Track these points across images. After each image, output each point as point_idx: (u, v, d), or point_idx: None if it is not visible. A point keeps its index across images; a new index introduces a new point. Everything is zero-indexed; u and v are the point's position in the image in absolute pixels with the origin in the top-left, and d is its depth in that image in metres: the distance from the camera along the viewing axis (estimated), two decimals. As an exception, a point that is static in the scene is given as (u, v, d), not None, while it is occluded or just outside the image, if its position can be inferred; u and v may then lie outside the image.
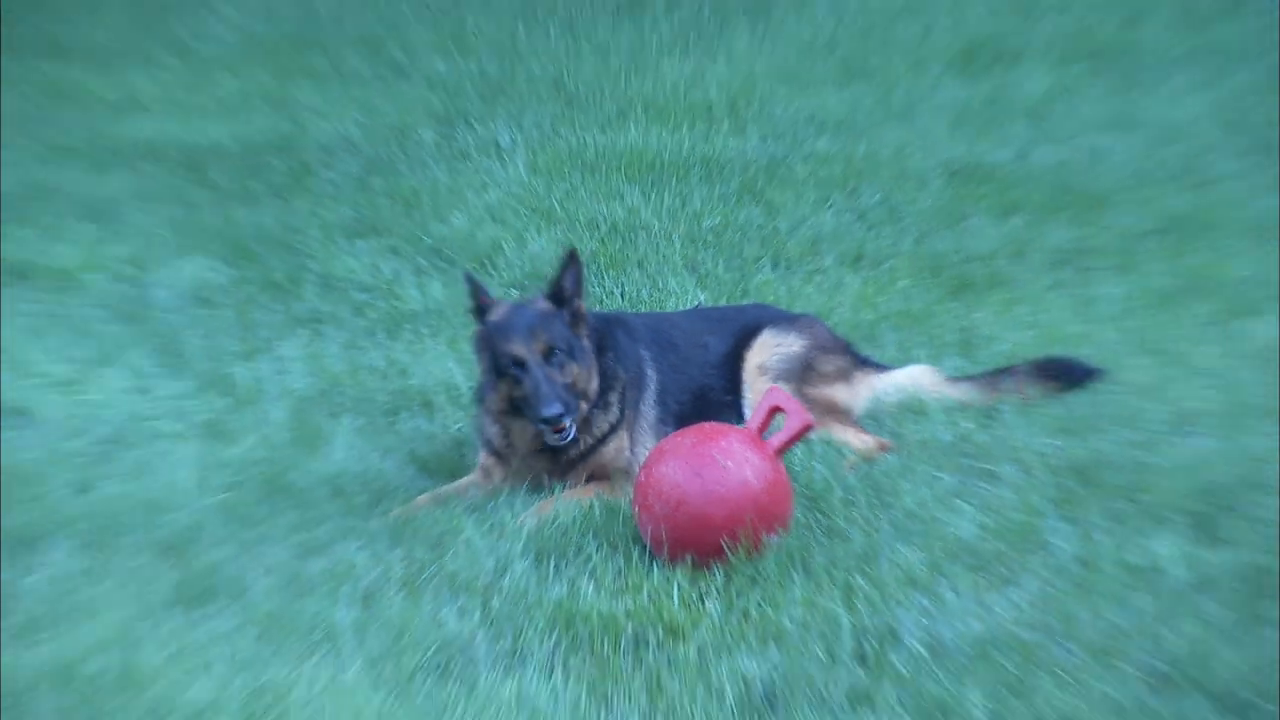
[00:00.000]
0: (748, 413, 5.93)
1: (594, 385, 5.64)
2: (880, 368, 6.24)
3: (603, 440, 5.70)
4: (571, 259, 5.60)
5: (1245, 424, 5.76)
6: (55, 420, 6.30)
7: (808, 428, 5.23)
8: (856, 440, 5.83)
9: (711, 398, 5.96)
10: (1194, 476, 5.40)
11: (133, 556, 5.32)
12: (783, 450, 5.22)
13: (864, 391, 6.10)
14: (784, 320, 6.16)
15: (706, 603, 4.95)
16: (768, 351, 6.02)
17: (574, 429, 5.56)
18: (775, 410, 5.27)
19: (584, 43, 10.40)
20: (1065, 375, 6.05)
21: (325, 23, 11.13)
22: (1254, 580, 4.93)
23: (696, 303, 7.22)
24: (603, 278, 7.69)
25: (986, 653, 4.69)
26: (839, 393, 6.00)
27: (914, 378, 6.14)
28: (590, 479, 5.68)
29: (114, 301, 7.35)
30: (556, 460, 5.67)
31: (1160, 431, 5.73)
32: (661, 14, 10.80)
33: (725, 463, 5.08)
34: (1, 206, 8.34)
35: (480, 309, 5.62)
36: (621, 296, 7.55)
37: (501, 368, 5.54)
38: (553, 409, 5.43)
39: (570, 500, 5.54)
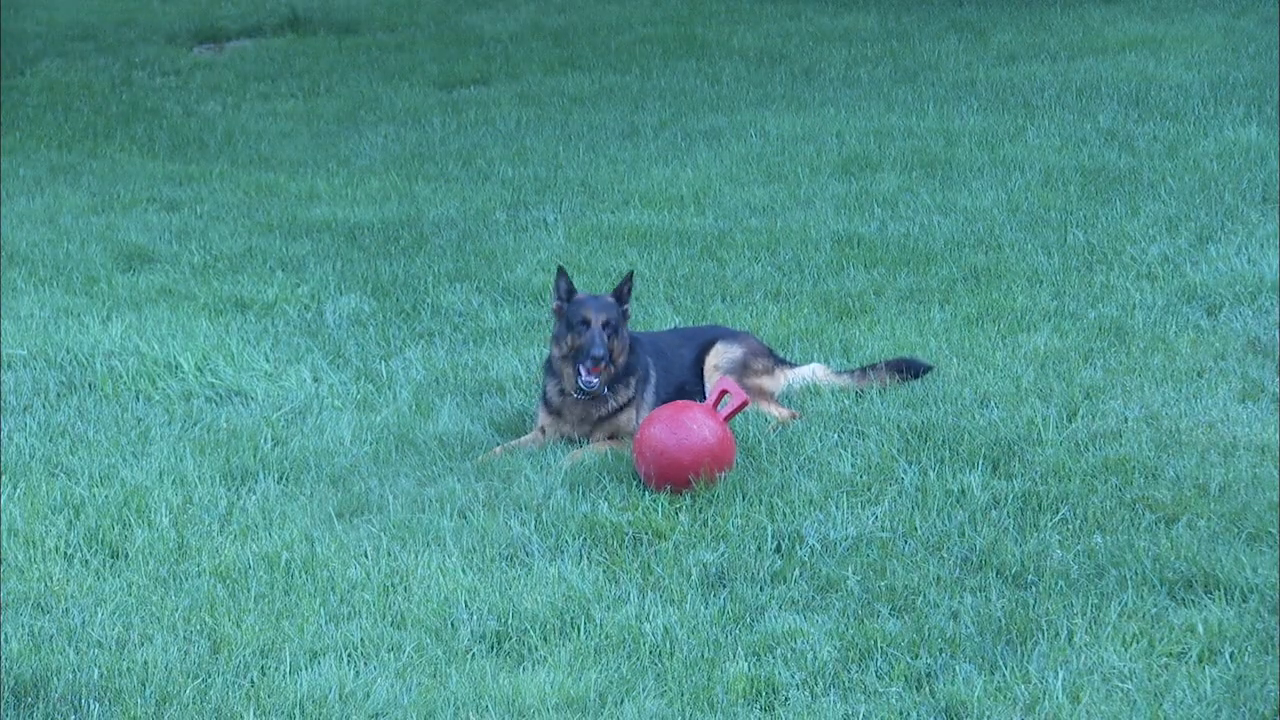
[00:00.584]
0: (708, 397, 5.92)
1: (623, 359, 5.64)
2: (791, 365, 6.23)
3: (620, 409, 5.67)
4: (629, 277, 5.64)
5: (1022, 401, 5.77)
6: (263, 398, 6.31)
7: (745, 404, 5.25)
8: (776, 412, 5.83)
9: (687, 387, 5.97)
10: (990, 434, 5.41)
11: (312, 485, 5.34)
12: (729, 418, 5.23)
13: (781, 380, 6.08)
14: (730, 335, 6.15)
15: (680, 515, 4.96)
16: (720, 356, 6.02)
17: (598, 382, 5.53)
18: (724, 393, 5.28)
19: (601, 156, 10.39)
20: (910, 370, 6.05)
21: (436, 144, 11.12)
22: (1029, 499, 4.96)
23: (674, 325, 7.18)
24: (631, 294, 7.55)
25: (858, 547, 4.72)
26: (765, 381, 6.00)
27: (813, 371, 6.14)
28: (609, 439, 5.67)
29: (300, 322, 7.36)
30: (588, 419, 5.64)
31: (969, 406, 5.75)
32: (651, 138, 10.79)
33: (692, 426, 5.10)
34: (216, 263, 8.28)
35: (569, 292, 5.64)
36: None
37: (574, 324, 5.55)
38: (598, 350, 5.45)
39: (593, 451, 5.54)
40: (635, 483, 5.21)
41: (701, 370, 6.01)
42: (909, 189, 8.99)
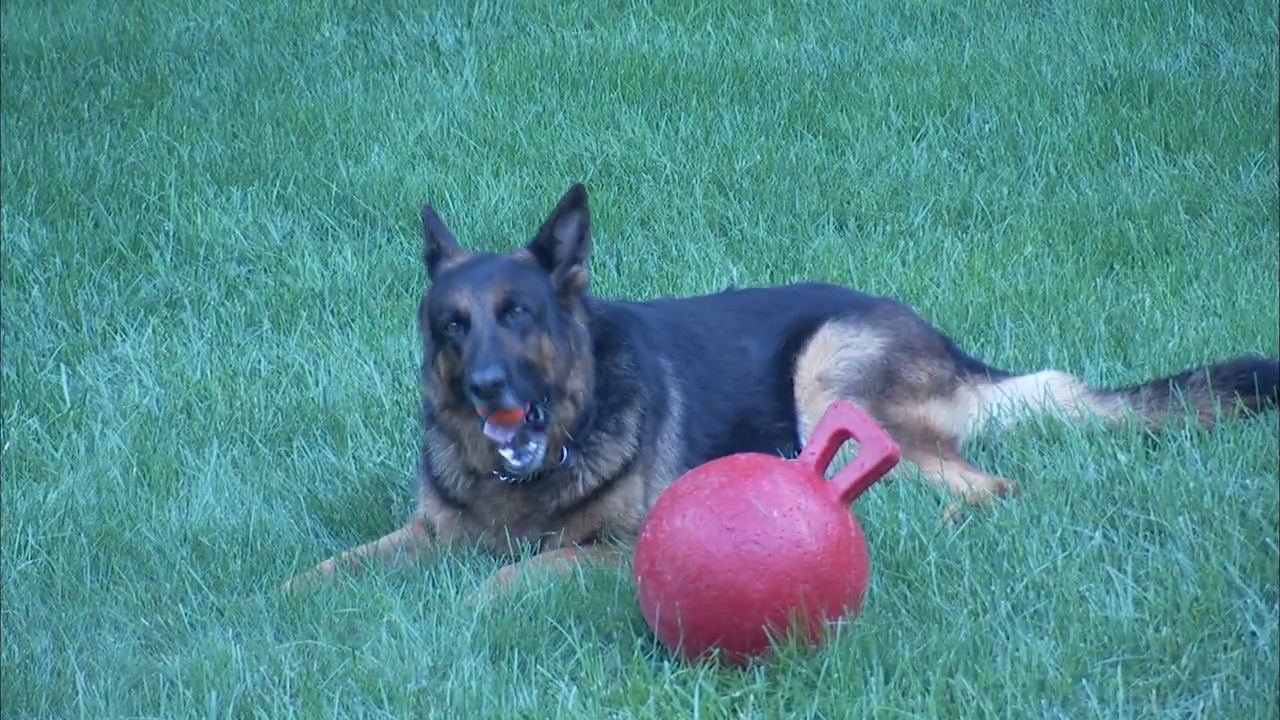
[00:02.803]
0: (805, 442, 5.91)
1: (579, 381, 5.64)
2: (995, 375, 6.22)
3: (612, 483, 5.72)
4: (575, 201, 5.63)
5: None
6: None
7: (889, 461, 5.22)
8: (960, 480, 5.82)
9: (756, 425, 5.98)
10: None
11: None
12: (853, 494, 5.21)
13: (972, 409, 6.08)
14: (854, 309, 6.16)
15: (742, 716, 4.95)
16: (832, 354, 6.01)
17: (541, 447, 5.55)
18: (842, 436, 5.26)
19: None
20: (1266, 385, 6.04)
21: None
22: None
23: (728, 283, 7.18)
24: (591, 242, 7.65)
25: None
26: (935, 412, 5.99)
27: (1044, 389, 6.13)
28: (585, 539, 5.70)
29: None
30: (539, 506, 5.68)
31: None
32: None
33: (769, 512, 5.08)
34: None
35: (433, 255, 5.68)
36: (617, 270, 7.51)
37: (440, 331, 5.57)
38: (486, 372, 5.39)
39: (543, 568, 5.54)
40: (641, 637, 5.20)
41: (789, 382, 6.07)
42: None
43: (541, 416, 5.56)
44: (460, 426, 5.64)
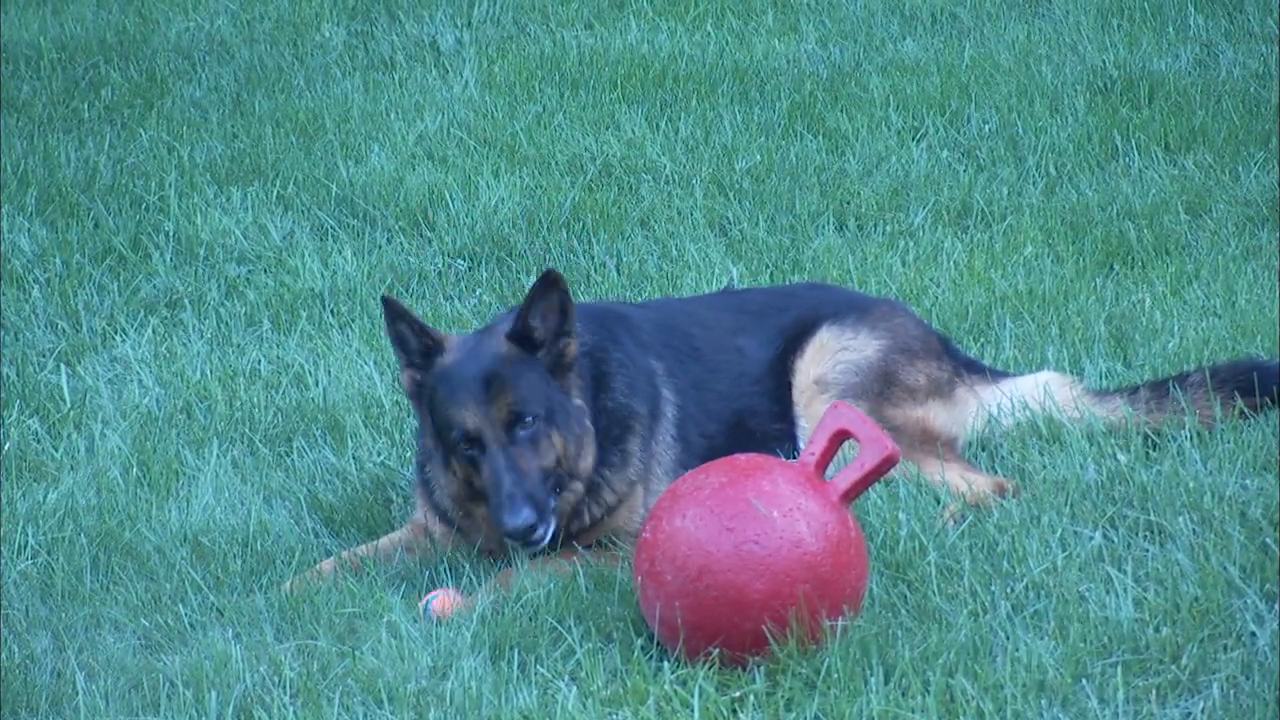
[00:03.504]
0: (804, 446, 5.91)
1: (588, 461, 5.63)
2: (995, 375, 6.22)
3: (613, 509, 5.73)
4: (549, 285, 5.50)
5: None
6: None
7: (889, 461, 5.22)
8: (960, 480, 5.82)
9: (753, 426, 5.97)
10: None
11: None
12: (853, 494, 5.21)
13: (970, 410, 6.07)
14: (852, 310, 6.15)
15: (742, 716, 4.95)
16: (829, 357, 6.00)
17: (552, 529, 5.54)
18: (842, 437, 5.26)
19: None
20: (1266, 385, 6.04)
21: None
22: None
23: (727, 282, 7.18)
24: (589, 243, 7.65)
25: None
26: (934, 413, 5.98)
27: (1043, 389, 6.12)
28: (588, 545, 5.69)
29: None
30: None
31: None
32: None
33: (769, 512, 5.07)
34: None
35: (427, 350, 5.56)
36: (617, 270, 7.51)
37: (449, 439, 5.53)
38: (517, 518, 5.40)
39: (543, 568, 5.54)
40: (641, 637, 5.21)
41: (788, 384, 6.06)
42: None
43: (553, 504, 5.56)
44: (474, 510, 5.64)
